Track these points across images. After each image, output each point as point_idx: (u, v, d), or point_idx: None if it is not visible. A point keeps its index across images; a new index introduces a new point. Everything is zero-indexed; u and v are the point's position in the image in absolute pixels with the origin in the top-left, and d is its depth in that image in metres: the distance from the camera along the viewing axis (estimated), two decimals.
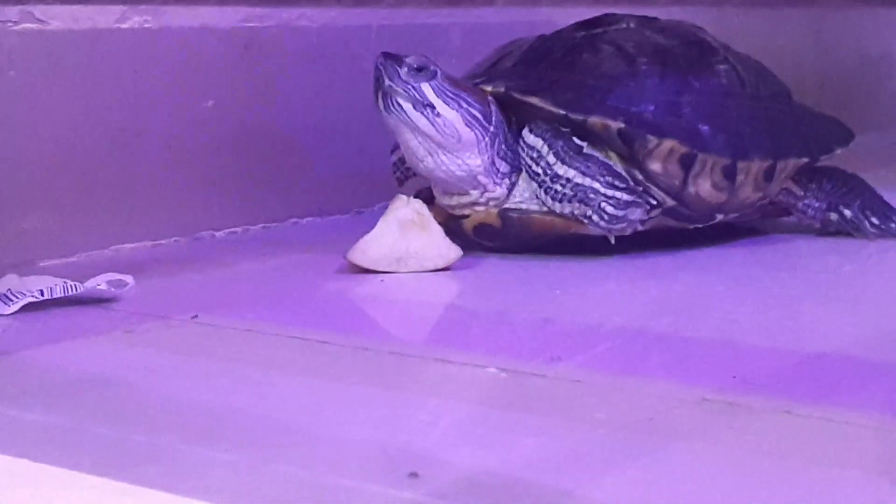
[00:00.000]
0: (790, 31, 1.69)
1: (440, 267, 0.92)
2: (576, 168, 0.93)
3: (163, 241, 1.02)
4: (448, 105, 0.93)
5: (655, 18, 1.04)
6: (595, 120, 0.93)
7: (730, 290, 0.89)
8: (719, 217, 0.99)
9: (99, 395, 0.65)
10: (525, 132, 0.95)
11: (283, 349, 0.74)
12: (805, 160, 1.01)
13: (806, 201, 1.03)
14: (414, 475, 0.52)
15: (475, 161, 0.94)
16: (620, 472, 0.54)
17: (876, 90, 1.81)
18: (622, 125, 0.93)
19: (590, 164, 0.93)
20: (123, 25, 0.99)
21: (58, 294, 0.81)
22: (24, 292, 0.80)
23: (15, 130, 0.93)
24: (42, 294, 0.80)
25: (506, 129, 0.95)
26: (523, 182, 0.95)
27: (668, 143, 0.94)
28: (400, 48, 1.20)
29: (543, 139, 0.94)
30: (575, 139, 0.94)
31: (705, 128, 0.96)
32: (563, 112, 0.94)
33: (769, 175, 0.99)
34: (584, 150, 0.94)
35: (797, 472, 0.54)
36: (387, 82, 0.93)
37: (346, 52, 1.15)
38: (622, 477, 0.54)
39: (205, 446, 0.57)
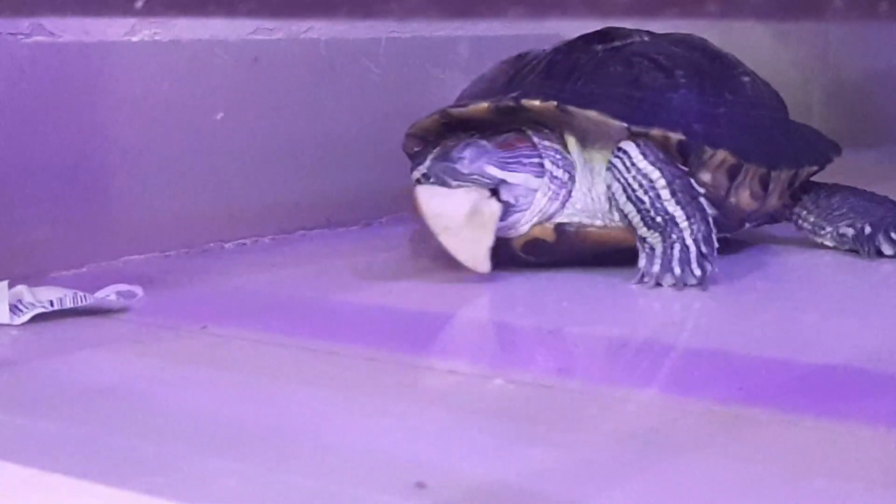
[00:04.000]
0: (797, 45, 1.70)
1: (464, 265, 0.91)
2: (685, 211, 0.91)
3: (172, 253, 1.02)
4: (514, 171, 0.92)
5: (665, 34, 1.04)
6: (657, 132, 0.93)
7: (736, 301, 0.89)
8: (747, 225, 1.01)
9: (108, 405, 0.65)
10: (635, 155, 0.92)
11: (291, 360, 0.74)
12: (815, 168, 1.03)
13: (814, 220, 1.03)
14: (421, 485, 0.53)
15: (543, 196, 0.93)
16: (627, 484, 0.55)
17: (883, 104, 1.81)
18: (682, 137, 0.93)
19: (696, 213, 0.91)
20: (133, 38, 1.00)
21: (67, 305, 0.81)
22: (34, 303, 0.80)
23: (26, 142, 0.94)
24: (52, 305, 0.81)
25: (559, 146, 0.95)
26: (579, 194, 0.94)
27: (721, 154, 0.94)
28: (408, 60, 1.21)
29: (660, 171, 0.91)
30: (693, 182, 0.92)
31: (745, 138, 0.97)
32: (624, 125, 0.93)
33: (791, 183, 1.01)
34: (699, 198, 0.92)
35: (803, 484, 0.54)
36: (454, 184, 0.91)
37: (355, 64, 1.16)
38: (628, 488, 0.54)
39: (213, 456, 0.57)
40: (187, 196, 1.04)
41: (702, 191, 0.92)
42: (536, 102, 0.95)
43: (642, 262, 0.91)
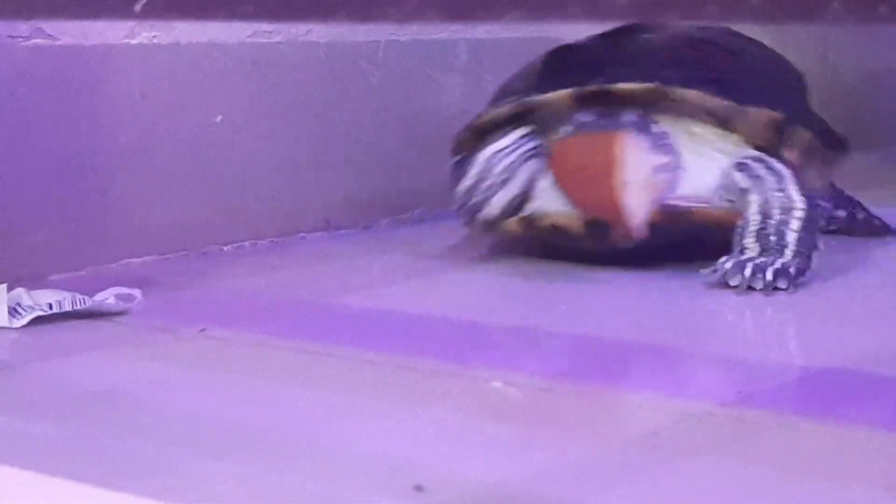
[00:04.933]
0: (796, 48, 1.70)
1: (621, 222, 0.88)
2: (797, 247, 0.90)
3: (171, 255, 1.02)
4: (662, 151, 0.92)
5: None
6: (762, 111, 0.94)
7: (735, 305, 0.89)
8: None
9: (107, 407, 0.65)
10: (789, 180, 0.92)
11: (290, 362, 0.74)
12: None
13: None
14: (419, 488, 0.53)
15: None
16: (626, 487, 0.55)
17: (883, 106, 1.81)
18: (783, 116, 0.94)
19: (807, 249, 0.91)
20: (132, 41, 1.00)
21: (66, 308, 0.81)
22: (33, 306, 0.80)
23: (25, 145, 0.93)
24: (51, 308, 0.80)
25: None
26: (683, 181, 0.93)
27: (804, 133, 0.96)
28: (408, 63, 1.21)
29: (804, 203, 0.92)
30: (819, 216, 0.94)
31: (808, 112, 0.99)
32: (731, 103, 0.93)
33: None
34: (817, 232, 0.92)
35: (803, 487, 0.54)
36: None
37: (354, 67, 1.16)
38: (628, 491, 0.54)
39: (212, 459, 0.57)
40: (186, 198, 1.04)
41: (822, 223, 0.93)
42: (634, 85, 0.93)
43: (726, 260, 0.90)
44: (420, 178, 1.22)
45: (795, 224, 0.90)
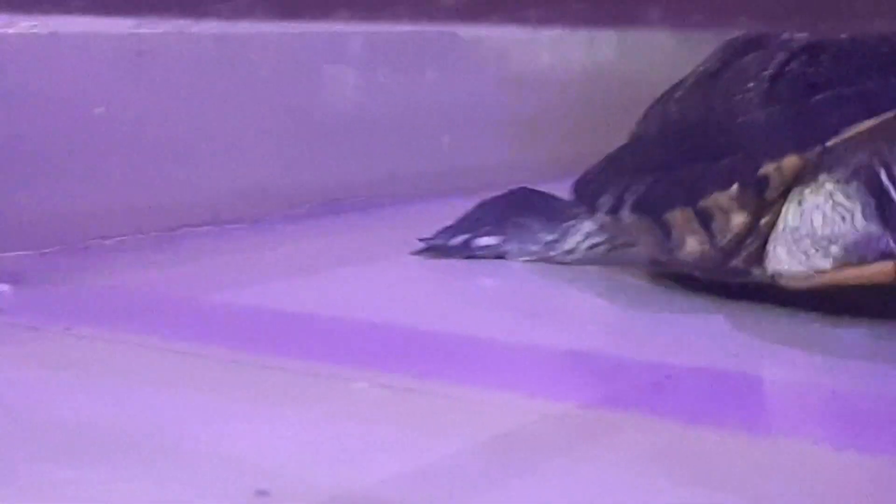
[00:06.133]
0: None
1: None
2: None
3: (49, 250, 1.00)
4: None
5: None
6: None
7: (611, 301, 0.88)
8: None
9: None
10: None
11: (155, 363, 0.72)
12: None
13: None
14: (262, 493, 0.52)
15: None
16: (488, 491, 0.54)
17: None
18: None
19: None
20: (10, 31, 0.97)
21: None
22: None
23: None
24: None
25: None
26: None
27: None
28: (299, 56, 1.20)
29: None
30: None
31: None
32: None
33: None
34: None
35: (669, 486, 0.54)
36: None
37: (243, 59, 1.14)
38: (489, 495, 0.54)
39: (54, 464, 0.55)
40: (66, 192, 1.01)
41: None
42: None
43: None
44: (311, 172, 1.20)
45: None
